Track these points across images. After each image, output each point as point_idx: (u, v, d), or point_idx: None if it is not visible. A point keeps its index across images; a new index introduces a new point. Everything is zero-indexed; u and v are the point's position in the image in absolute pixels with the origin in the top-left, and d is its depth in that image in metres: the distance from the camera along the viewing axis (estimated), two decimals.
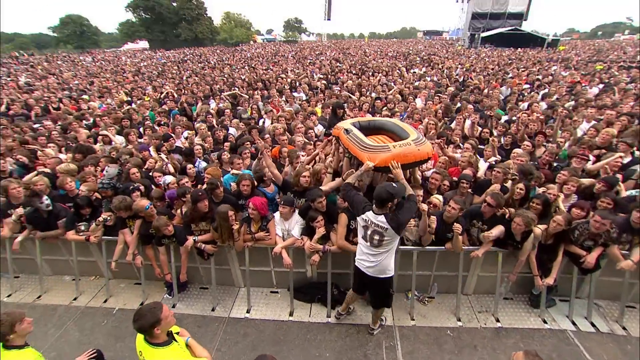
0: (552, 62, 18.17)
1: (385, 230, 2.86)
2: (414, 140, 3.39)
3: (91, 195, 4.36)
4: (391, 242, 2.97)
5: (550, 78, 11.57)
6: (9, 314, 2.37)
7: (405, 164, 3.35)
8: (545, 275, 3.68)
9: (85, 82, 15.45)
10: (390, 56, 23.96)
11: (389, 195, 2.80)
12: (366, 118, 4.52)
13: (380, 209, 2.86)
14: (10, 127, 7.64)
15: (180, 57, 28.52)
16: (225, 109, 8.38)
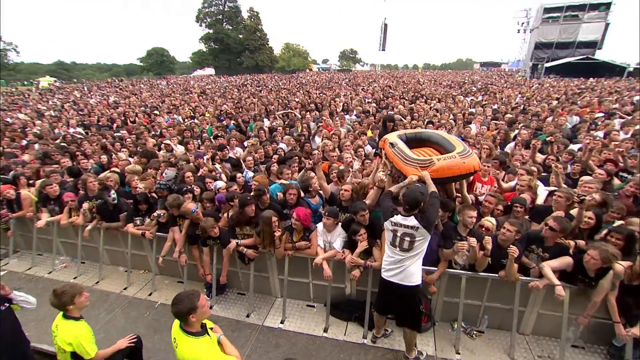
0: (634, 91, 16.30)
1: (417, 230, 2.81)
2: (459, 153, 3.31)
3: (149, 193, 4.75)
4: (422, 244, 2.88)
5: (631, 107, 10.31)
6: (71, 286, 2.60)
7: (450, 177, 3.29)
8: (631, 324, 3.04)
9: (158, 100, 17.45)
10: (445, 85, 23.52)
11: (421, 196, 2.81)
12: (413, 130, 4.42)
13: (410, 211, 2.84)
14: (97, 134, 8.85)
15: (240, 81, 31.02)
16: (277, 126, 8.79)
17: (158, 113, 12.91)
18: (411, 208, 2.83)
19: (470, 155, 3.36)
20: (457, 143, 3.59)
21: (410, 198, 2.83)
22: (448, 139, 3.75)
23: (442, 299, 3.73)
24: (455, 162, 3.25)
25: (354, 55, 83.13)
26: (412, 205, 2.82)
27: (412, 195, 2.82)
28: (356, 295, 4.00)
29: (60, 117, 12.49)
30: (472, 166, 3.33)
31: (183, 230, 4.29)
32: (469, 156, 3.33)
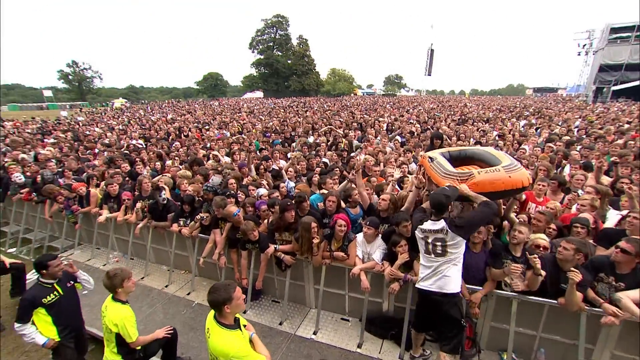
0: None
1: (446, 234, 2.66)
2: (505, 167, 3.00)
3: (195, 196, 5.00)
4: (456, 249, 2.69)
5: None
6: (122, 270, 2.77)
7: (493, 192, 2.92)
8: None
9: (210, 118, 18.80)
10: (494, 109, 22.45)
11: (445, 198, 2.68)
12: (457, 147, 4.15)
13: (438, 215, 2.72)
14: (155, 145, 9.72)
15: (287, 103, 32.45)
16: (321, 142, 8.93)
17: (209, 128, 13.89)
18: (437, 211, 2.73)
19: (518, 170, 3.01)
20: (504, 157, 3.27)
21: (435, 201, 2.72)
22: (494, 154, 3.43)
23: (489, 324, 3.34)
24: (499, 176, 2.94)
25: (398, 81, 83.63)
26: (437, 208, 2.72)
27: (436, 198, 2.71)
28: (394, 312, 3.74)
29: (126, 131, 14.00)
30: (519, 181, 2.94)
31: (224, 233, 4.41)
32: (516, 170, 2.99)
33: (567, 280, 2.76)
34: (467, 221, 2.68)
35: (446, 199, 2.69)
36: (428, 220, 2.79)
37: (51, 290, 2.99)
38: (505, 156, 3.27)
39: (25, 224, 6.66)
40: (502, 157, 3.23)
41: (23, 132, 13.97)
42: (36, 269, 2.98)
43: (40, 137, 12.46)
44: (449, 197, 2.70)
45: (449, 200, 2.72)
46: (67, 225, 6.02)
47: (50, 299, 2.95)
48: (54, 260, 3.00)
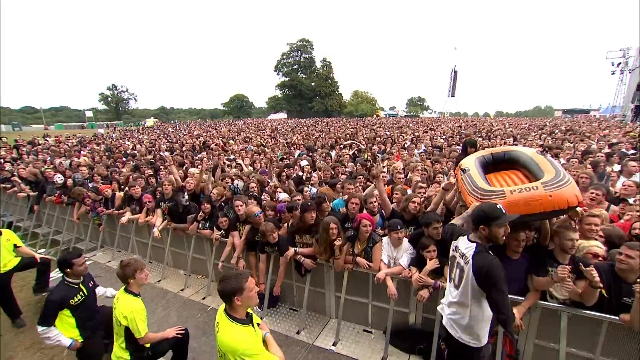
0: None
1: (467, 264, 2.05)
2: (545, 183, 2.53)
3: (219, 199, 4.95)
4: (471, 292, 2.05)
5: None
6: (135, 260, 2.67)
7: (530, 214, 2.49)
8: None
9: (235, 134, 19.32)
10: (523, 127, 21.65)
11: (481, 213, 2.07)
12: (501, 148, 3.69)
13: (475, 233, 2.13)
14: (180, 155, 10.01)
15: (310, 122, 32.98)
16: (344, 155, 8.81)
17: (233, 142, 14.22)
18: (475, 226, 2.13)
19: (563, 186, 2.50)
20: (549, 168, 2.79)
21: (475, 213, 2.16)
22: (538, 162, 2.97)
23: (532, 341, 2.89)
24: (536, 196, 2.47)
25: (421, 103, 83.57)
26: (473, 221, 2.16)
27: (477, 210, 2.16)
28: (422, 324, 3.38)
29: (154, 144, 14.59)
30: (563, 200, 2.45)
31: (243, 235, 4.27)
32: (560, 187, 2.49)
33: (632, 293, 2.38)
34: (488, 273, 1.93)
35: (481, 211, 2.09)
36: (466, 235, 2.22)
37: (77, 290, 2.92)
38: (550, 166, 2.80)
39: (56, 226, 6.86)
40: (547, 168, 2.78)
41: (63, 145, 14.90)
42: (60, 267, 2.92)
43: (78, 149, 13.22)
44: (485, 213, 2.06)
45: (484, 217, 2.05)
46: (92, 227, 6.13)
47: (77, 299, 2.88)
48: (78, 259, 2.94)
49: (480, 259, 1.98)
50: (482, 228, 2.04)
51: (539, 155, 3.10)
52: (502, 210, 2.03)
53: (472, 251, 2.05)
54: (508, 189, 2.61)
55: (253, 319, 2.16)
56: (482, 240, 2.08)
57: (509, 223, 2.12)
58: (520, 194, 2.51)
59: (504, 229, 2.04)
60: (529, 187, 2.54)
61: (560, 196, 2.44)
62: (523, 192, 2.52)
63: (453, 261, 2.28)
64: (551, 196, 2.44)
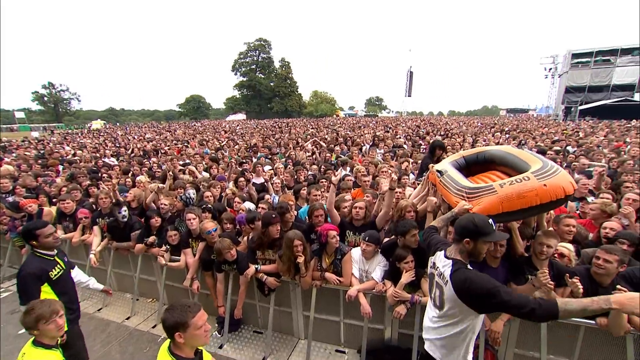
0: None
1: (446, 284, 1.82)
2: (536, 172, 2.35)
3: (170, 209, 4.40)
4: (457, 313, 1.82)
5: None
6: (42, 306, 2.00)
7: (525, 209, 2.30)
8: None
9: (190, 137, 18.13)
10: (475, 126, 23.03)
11: (470, 224, 1.81)
12: (473, 150, 3.49)
13: (456, 245, 1.89)
14: (126, 162, 9.03)
15: (270, 123, 32.22)
16: (303, 158, 8.55)
17: (188, 146, 13.27)
18: (455, 238, 1.92)
19: (555, 174, 2.32)
20: (533, 159, 2.62)
21: (457, 222, 1.97)
22: (518, 155, 2.83)
23: (513, 351, 2.83)
24: (530, 186, 2.27)
25: (379, 103, 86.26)
26: (456, 232, 1.92)
27: (460, 219, 1.97)
28: (398, 340, 3.18)
29: (98, 149, 13.13)
30: (559, 189, 2.25)
31: (197, 253, 3.79)
32: (553, 175, 2.31)
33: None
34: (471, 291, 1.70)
35: (468, 223, 1.83)
36: (443, 251, 2.00)
37: (54, 262, 2.60)
38: (534, 156, 2.69)
39: None
40: (530, 159, 2.64)
41: None
42: (25, 239, 2.60)
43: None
44: (475, 225, 1.80)
45: (472, 230, 1.80)
46: (13, 250, 5.18)
47: (57, 272, 2.54)
48: (44, 229, 2.54)
49: (459, 276, 1.76)
50: (466, 241, 1.83)
51: (516, 149, 3.01)
52: (493, 226, 1.84)
53: (449, 270, 1.83)
54: (497, 183, 2.42)
55: (203, 356, 1.79)
56: (461, 255, 1.86)
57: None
58: (512, 187, 2.31)
59: (488, 246, 1.87)
60: (519, 179, 2.35)
61: (555, 184, 2.26)
62: (514, 184, 2.32)
63: (432, 279, 2.07)
64: (546, 185, 2.26)
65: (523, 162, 2.64)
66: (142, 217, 4.53)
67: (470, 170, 3.27)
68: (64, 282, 2.64)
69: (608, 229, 3.10)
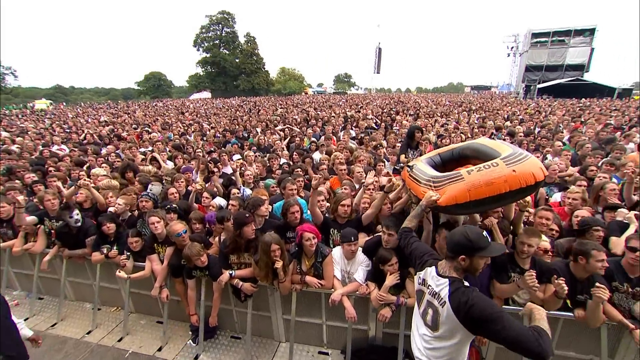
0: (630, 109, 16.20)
1: (442, 305, 1.70)
2: (505, 158, 2.29)
3: (128, 210, 3.98)
4: (453, 332, 1.70)
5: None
6: None
7: (495, 196, 2.19)
8: None
9: (152, 119, 16.76)
10: (444, 104, 23.48)
11: (464, 240, 1.68)
12: (448, 147, 3.41)
13: (450, 262, 1.77)
14: (78, 150, 8.10)
15: (237, 102, 30.78)
16: (275, 141, 8.14)
17: (150, 130, 12.24)
18: (448, 255, 1.78)
19: (524, 159, 2.26)
20: (503, 147, 2.56)
21: (449, 236, 1.81)
22: (491, 145, 2.76)
23: (495, 345, 2.88)
24: (499, 173, 2.18)
25: (348, 80, 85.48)
26: (449, 249, 1.78)
27: (452, 233, 1.80)
28: (382, 340, 3.14)
29: (43, 135, 11.72)
30: (529, 175, 2.18)
31: (165, 260, 3.45)
32: (522, 160, 2.25)
33: (584, 291, 2.44)
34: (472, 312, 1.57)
35: (463, 238, 1.69)
36: (434, 266, 1.87)
37: None
38: (505, 145, 2.63)
39: None
40: (501, 147, 2.57)
41: None
42: None
43: None
44: (470, 241, 1.67)
45: (467, 246, 1.68)
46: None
47: None
48: None
49: (459, 297, 1.63)
50: (462, 259, 1.70)
51: (490, 139, 2.95)
52: (488, 239, 1.72)
53: (447, 290, 1.69)
54: (464, 170, 2.33)
55: None
56: (457, 273, 1.74)
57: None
58: (480, 174, 2.21)
59: (486, 260, 1.75)
60: (488, 165, 2.26)
61: (525, 170, 2.19)
62: (482, 170, 2.23)
63: (421, 296, 1.92)
64: (515, 171, 2.18)
65: (494, 151, 2.58)
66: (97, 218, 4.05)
67: (445, 168, 3.21)
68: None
69: (579, 218, 3.18)
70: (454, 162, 3.15)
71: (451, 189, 2.25)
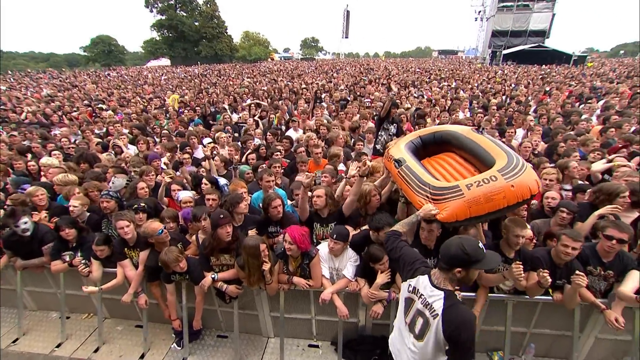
0: (584, 77, 17.09)
1: (434, 318, 1.69)
2: (502, 170, 2.23)
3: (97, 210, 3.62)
4: (436, 342, 1.72)
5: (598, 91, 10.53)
6: None
7: (492, 212, 2.20)
8: None
9: (106, 93, 15.14)
10: (413, 71, 23.34)
11: (461, 253, 1.65)
12: (430, 129, 3.31)
13: (445, 274, 1.75)
14: (22, 133, 7.12)
15: (200, 71, 28.62)
16: (245, 118, 7.61)
17: (104, 107, 11.03)
18: (443, 266, 1.75)
19: (522, 171, 2.22)
20: (497, 150, 2.47)
21: (444, 248, 1.76)
22: (478, 141, 2.66)
23: (479, 328, 3.02)
24: (498, 188, 2.14)
25: (315, 44, 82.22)
26: (444, 260, 1.74)
27: (449, 245, 1.74)
28: (372, 330, 3.17)
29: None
30: (526, 189, 2.18)
31: (140, 265, 3.15)
32: (521, 173, 2.21)
33: (563, 276, 2.55)
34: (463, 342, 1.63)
35: (459, 252, 1.65)
36: (426, 274, 1.84)
37: None
38: (497, 147, 2.53)
39: None
40: (494, 150, 2.49)
41: None
42: None
43: None
44: (467, 254, 1.63)
45: (464, 259, 1.65)
46: None
47: None
48: None
49: (453, 315, 1.65)
50: (458, 271, 1.68)
51: (476, 133, 2.87)
52: (484, 250, 1.67)
53: (441, 303, 1.68)
54: (464, 184, 2.26)
55: None
56: (451, 284, 1.73)
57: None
58: (480, 189, 2.17)
59: (480, 271, 1.72)
60: (487, 179, 2.22)
61: (522, 184, 2.19)
62: (482, 185, 2.19)
63: (410, 304, 1.90)
64: (513, 186, 2.17)
65: (487, 155, 2.54)
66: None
67: (427, 150, 3.19)
68: None
69: (550, 199, 3.30)
70: (435, 145, 3.13)
71: (452, 205, 2.20)
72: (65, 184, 4.07)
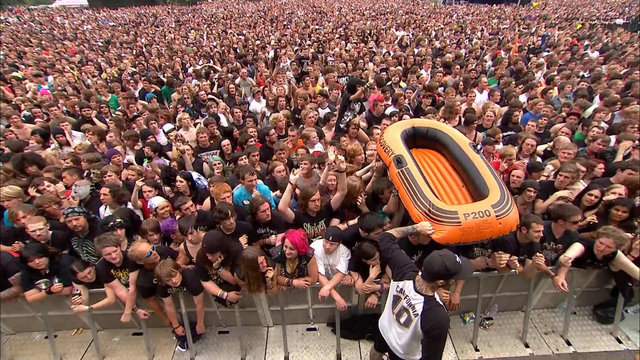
0: (530, 19, 17.75)
1: (415, 316, 2.08)
2: (495, 206, 2.47)
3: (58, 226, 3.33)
4: (415, 332, 2.14)
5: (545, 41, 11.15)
6: None
7: (476, 241, 2.54)
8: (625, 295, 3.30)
9: (14, 54, 12.18)
10: (369, 15, 22.25)
11: (443, 270, 1.95)
12: (424, 122, 3.46)
13: (427, 283, 2.06)
14: None
15: (131, 18, 24.42)
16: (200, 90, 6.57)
17: (21, 75, 9.11)
18: (426, 276, 2.06)
19: (510, 211, 2.49)
20: (492, 181, 2.69)
21: (428, 262, 2.04)
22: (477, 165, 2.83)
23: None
24: (489, 223, 2.41)
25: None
26: (427, 273, 2.04)
27: (432, 261, 2.01)
28: (364, 310, 3.53)
29: None
30: (509, 227, 2.49)
31: (131, 286, 3.08)
32: (509, 212, 2.47)
33: (524, 252, 3.06)
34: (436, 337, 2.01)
35: (442, 268, 1.96)
36: (412, 279, 2.15)
37: None
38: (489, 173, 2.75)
39: None
40: (488, 177, 2.72)
41: None
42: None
43: None
44: (448, 271, 1.95)
45: (446, 275, 1.98)
46: None
47: None
48: None
49: (431, 316, 2.01)
50: (439, 282, 2.04)
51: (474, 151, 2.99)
52: (460, 264, 1.99)
53: (422, 306, 2.05)
54: (462, 212, 2.46)
55: None
56: (432, 290, 2.07)
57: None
58: (475, 221, 2.42)
59: None
60: (482, 213, 2.45)
61: (507, 222, 2.48)
62: (477, 218, 2.42)
63: (397, 301, 2.26)
64: (501, 223, 2.45)
65: (482, 183, 2.73)
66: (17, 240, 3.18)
67: (415, 141, 3.38)
68: None
69: (515, 177, 3.67)
70: (424, 140, 3.33)
71: (448, 230, 2.41)
72: (8, 199, 3.51)
